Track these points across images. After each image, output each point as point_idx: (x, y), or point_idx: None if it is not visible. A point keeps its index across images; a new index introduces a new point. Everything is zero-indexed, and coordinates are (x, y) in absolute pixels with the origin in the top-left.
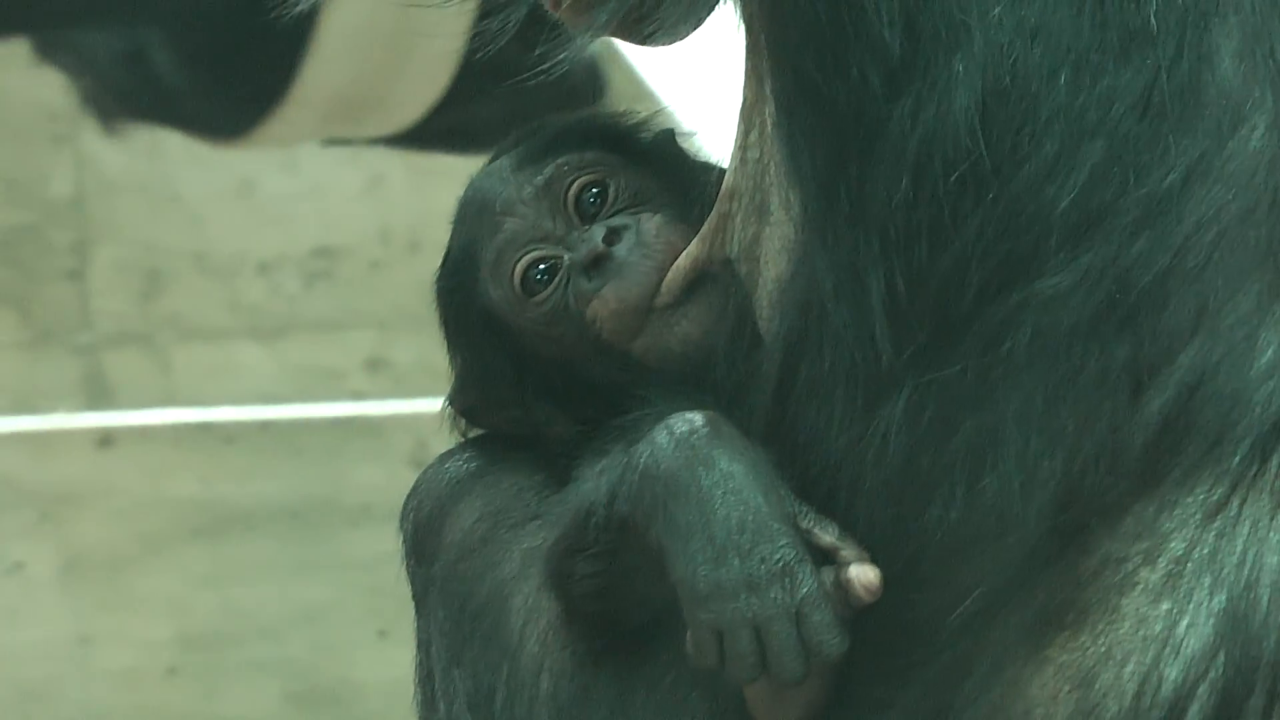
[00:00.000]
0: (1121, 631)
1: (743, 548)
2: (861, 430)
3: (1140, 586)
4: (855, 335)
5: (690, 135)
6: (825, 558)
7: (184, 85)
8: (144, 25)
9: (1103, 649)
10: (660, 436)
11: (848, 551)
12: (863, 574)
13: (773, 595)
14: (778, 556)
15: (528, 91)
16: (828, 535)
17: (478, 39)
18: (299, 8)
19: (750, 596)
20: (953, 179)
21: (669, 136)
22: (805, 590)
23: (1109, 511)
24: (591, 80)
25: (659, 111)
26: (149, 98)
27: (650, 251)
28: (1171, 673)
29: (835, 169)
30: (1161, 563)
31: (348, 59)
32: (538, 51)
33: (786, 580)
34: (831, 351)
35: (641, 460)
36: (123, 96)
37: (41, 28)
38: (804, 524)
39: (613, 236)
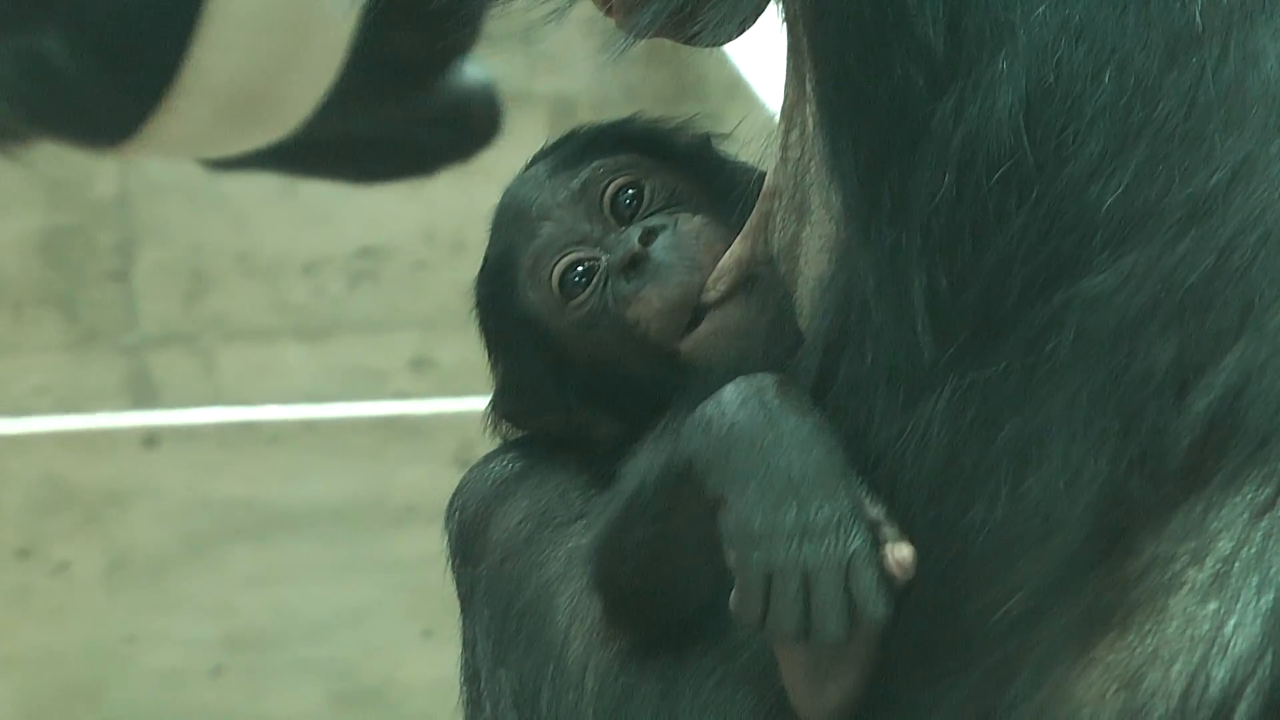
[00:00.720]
0: (1169, 632)
1: (802, 496)
2: (901, 428)
3: (1187, 586)
4: (896, 334)
5: (726, 138)
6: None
7: (73, 84)
8: (40, 27)
9: (1150, 649)
10: (727, 392)
11: (889, 530)
12: (899, 550)
13: (826, 544)
14: (835, 510)
15: (419, 110)
16: (875, 509)
17: (452, 26)
18: None
19: (804, 542)
20: (996, 178)
21: (704, 141)
22: (857, 545)
23: (1155, 512)
24: (487, 110)
25: (694, 116)
26: (40, 106)
27: (688, 250)
28: (1219, 673)
29: (877, 168)
30: (1209, 562)
31: (238, 45)
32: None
33: (841, 533)
34: (872, 349)
35: (707, 412)
36: (18, 109)
37: None
38: (858, 491)
39: (649, 236)
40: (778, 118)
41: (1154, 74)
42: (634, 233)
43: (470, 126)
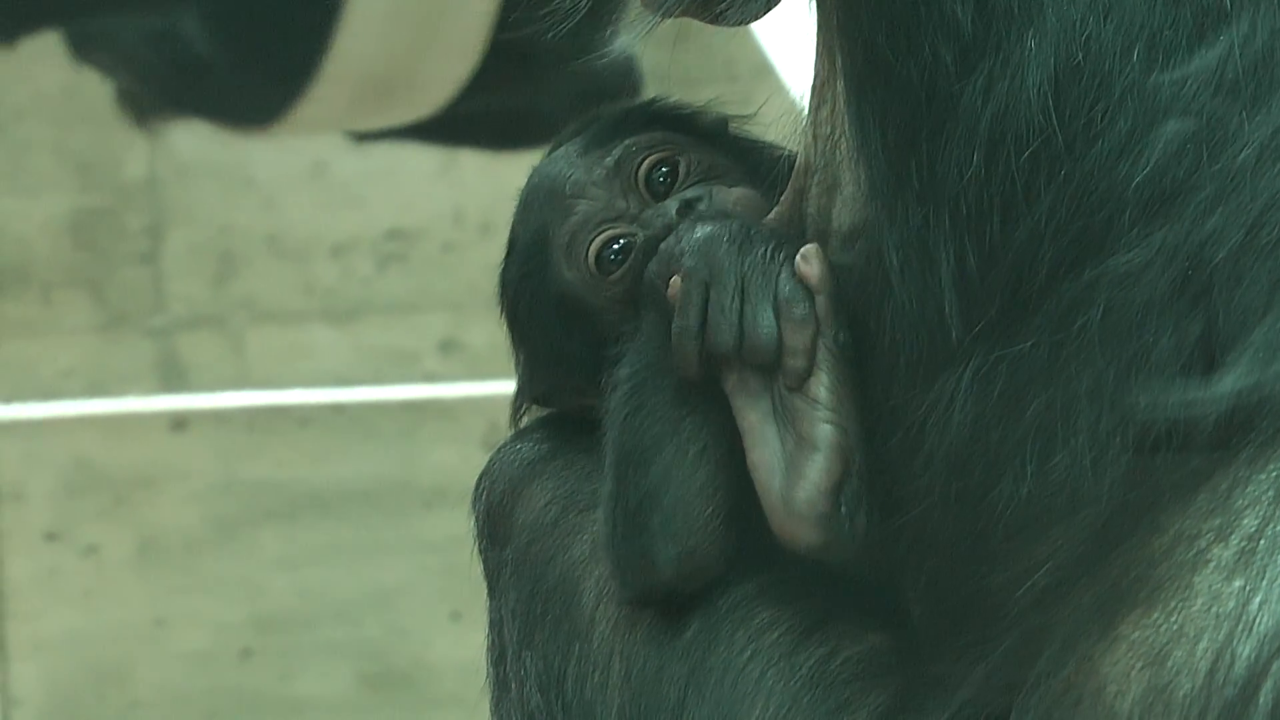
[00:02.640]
0: (1194, 609)
1: (738, 236)
2: (926, 403)
3: (1213, 563)
4: (923, 310)
5: (748, 120)
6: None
7: (217, 70)
8: (178, 9)
9: (1175, 626)
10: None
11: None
12: (805, 250)
13: (758, 252)
14: (766, 233)
15: (559, 82)
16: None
17: (546, 18)
18: None
19: (741, 252)
20: (1025, 156)
21: (724, 122)
22: (785, 263)
23: (1181, 488)
24: (626, 75)
25: (717, 99)
26: (182, 89)
27: None
28: (1244, 650)
29: (906, 146)
30: (1234, 540)
31: (378, 34)
32: (589, 37)
33: (769, 245)
34: (899, 325)
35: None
36: (157, 91)
37: (77, 16)
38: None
39: (686, 208)
40: (808, 95)
41: (1182, 51)
42: (671, 205)
43: (609, 97)
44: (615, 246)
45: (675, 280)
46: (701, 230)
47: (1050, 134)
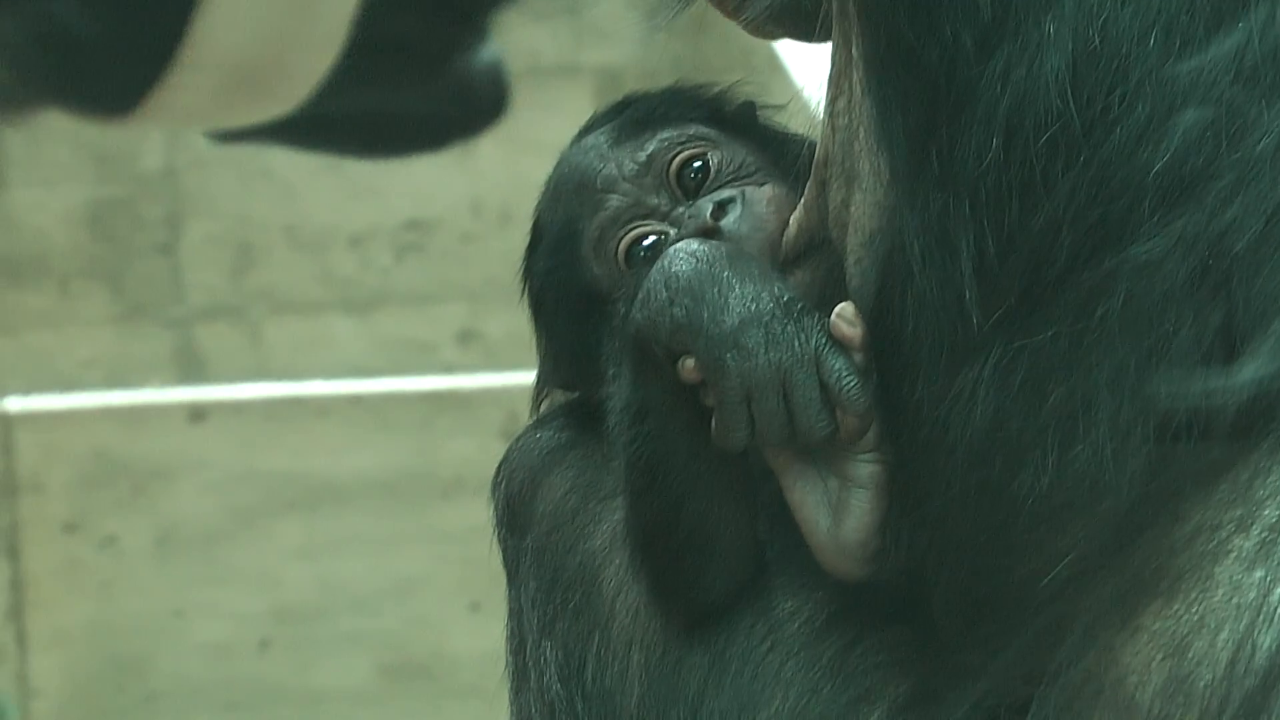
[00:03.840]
0: (1215, 599)
1: (757, 313)
2: (948, 392)
3: (1234, 554)
4: (943, 298)
5: (772, 107)
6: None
7: (77, 53)
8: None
9: (1196, 617)
10: (653, 267)
11: (838, 314)
12: (842, 310)
13: (792, 346)
14: (789, 315)
15: (424, 84)
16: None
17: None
18: None
19: (771, 350)
20: (1043, 141)
21: (750, 107)
22: (819, 337)
23: (1202, 478)
24: (494, 88)
25: (738, 83)
26: (42, 74)
27: (760, 223)
28: (1265, 640)
29: (926, 131)
30: (1255, 530)
31: (241, 19)
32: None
33: (801, 332)
34: (919, 314)
35: (644, 289)
36: (20, 77)
37: None
38: (795, 296)
39: (720, 211)
40: (825, 86)
41: (1200, 37)
42: (705, 206)
43: (475, 105)
44: (646, 244)
45: (689, 366)
46: (707, 310)
47: (1068, 119)
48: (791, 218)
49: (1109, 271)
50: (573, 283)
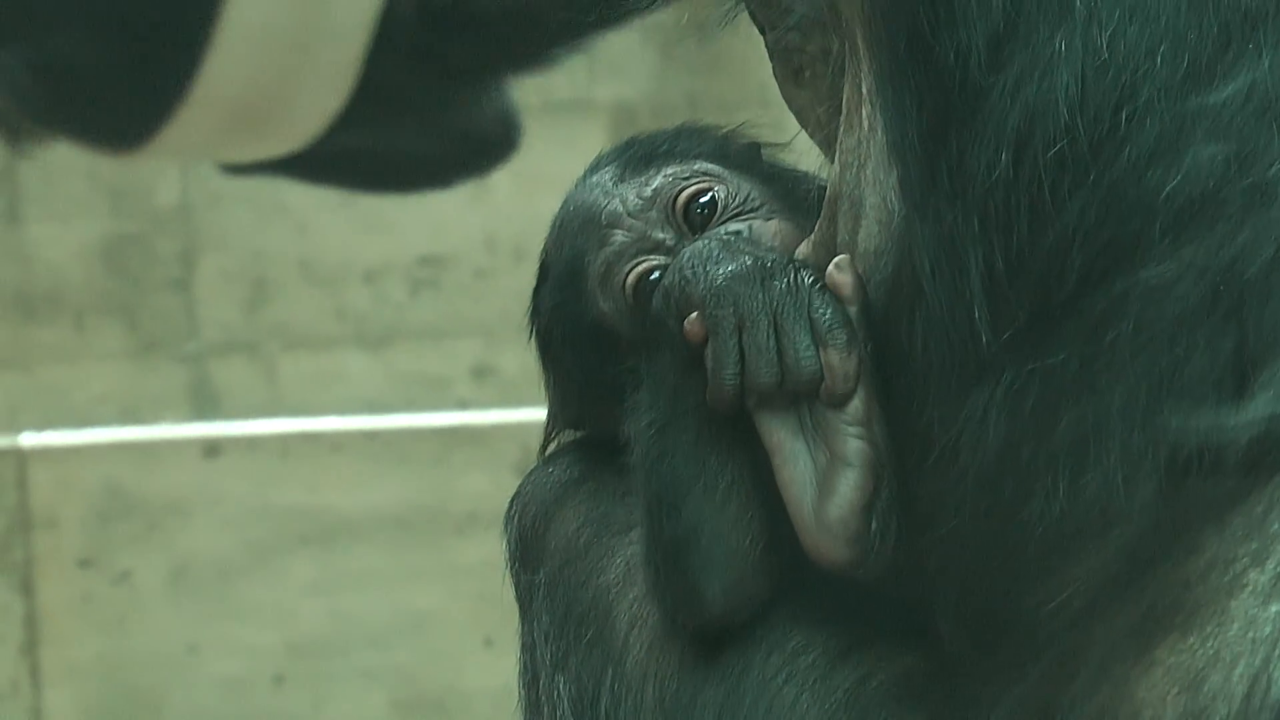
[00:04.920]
0: (1230, 634)
1: (755, 258)
2: (959, 416)
3: (1249, 588)
4: (953, 317)
5: (782, 148)
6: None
7: (87, 89)
8: (59, 31)
9: (1211, 651)
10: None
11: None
12: (838, 260)
13: (784, 284)
14: (782, 260)
15: (433, 124)
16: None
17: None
18: None
19: (765, 287)
20: (1052, 156)
21: (757, 148)
22: (810, 280)
23: (1215, 509)
24: (503, 131)
25: (746, 123)
26: (52, 107)
27: None
28: None
29: (937, 141)
30: (1270, 564)
31: (250, 59)
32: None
33: (791, 273)
34: (929, 335)
35: (674, 269)
36: (28, 109)
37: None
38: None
39: (708, 241)
40: (840, 123)
41: (1209, 56)
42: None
43: (482, 147)
44: (654, 278)
45: (692, 319)
46: (714, 266)
47: (1077, 135)
48: (798, 251)
49: (1120, 295)
50: (579, 319)
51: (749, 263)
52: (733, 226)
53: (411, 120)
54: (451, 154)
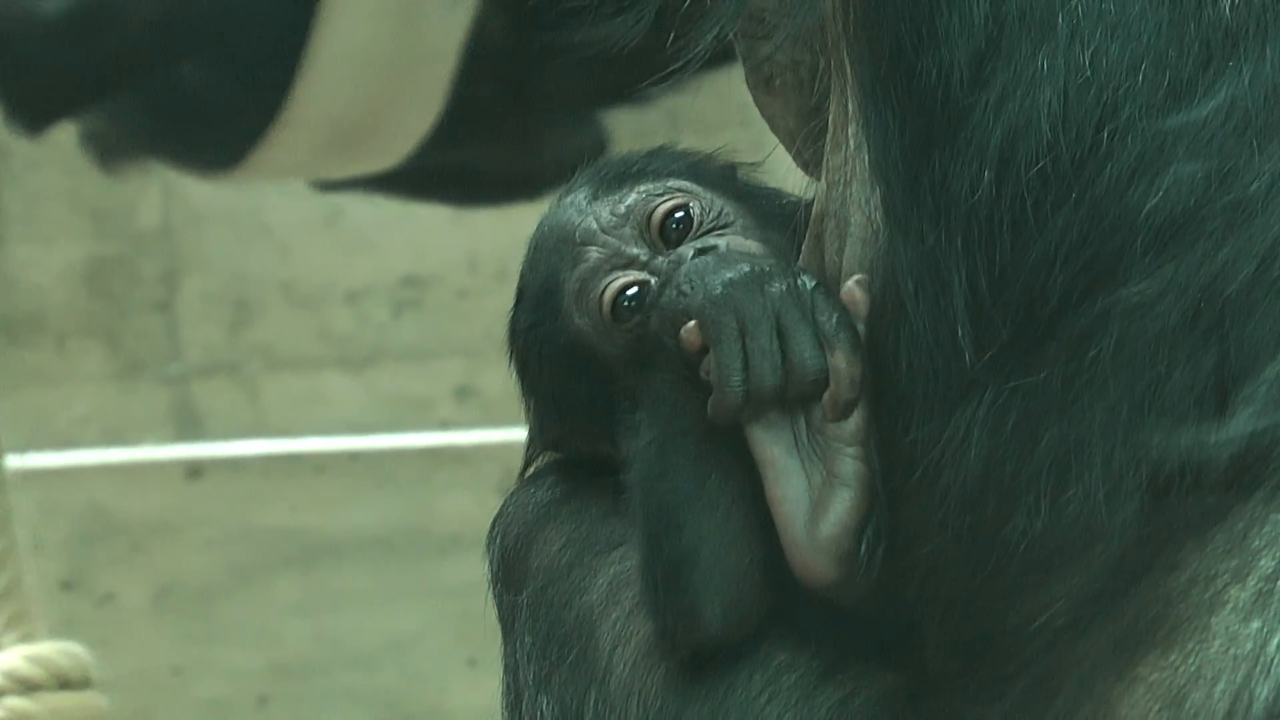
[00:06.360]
0: (1212, 650)
1: (754, 264)
2: (941, 434)
3: (1230, 605)
4: (936, 335)
5: (757, 167)
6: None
7: (183, 112)
8: (170, 66)
9: (1193, 668)
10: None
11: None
12: (858, 278)
13: (783, 285)
14: (781, 265)
15: (524, 140)
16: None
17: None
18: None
19: (765, 289)
20: (1034, 173)
21: (733, 169)
22: (813, 284)
23: (1196, 525)
24: (597, 150)
25: (723, 148)
26: (149, 130)
27: None
28: (1263, 692)
29: (920, 158)
30: (1251, 581)
31: (343, 81)
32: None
33: (791, 277)
34: (912, 353)
35: (675, 282)
36: (124, 132)
37: (97, 100)
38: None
39: (701, 255)
40: (826, 143)
41: (1190, 74)
42: (687, 253)
43: (575, 168)
44: (630, 294)
45: (689, 329)
46: (712, 276)
47: (1059, 152)
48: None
49: (1101, 312)
50: (555, 338)
51: (746, 269)
52: (709, 242)
53: (501, 144)
54: (544, 173)
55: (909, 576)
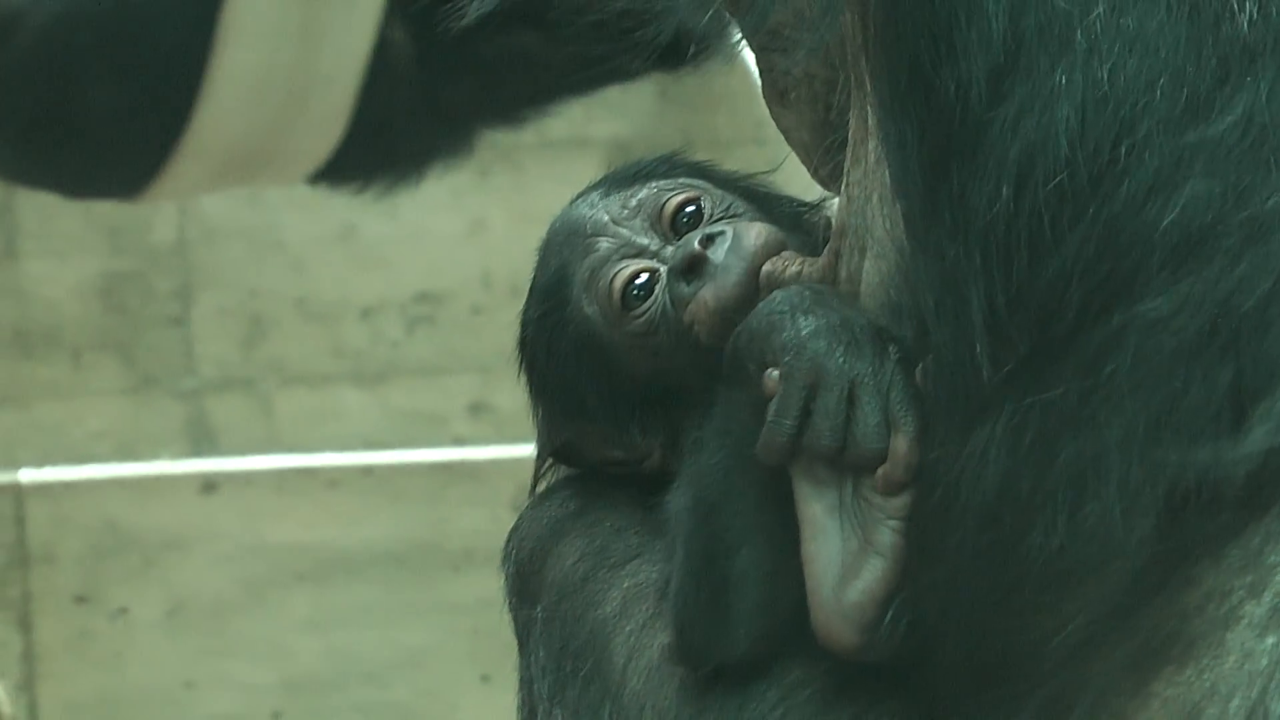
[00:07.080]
0: (1227, 666)
1: (845, 324)
2: (959, 451)
3: (1245, 620)
4: (955, 352)
5: (769, 174)
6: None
7: (84, 142)
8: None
9: (1208, 684)
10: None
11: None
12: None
13: (871, 358)
14: (873, 334)
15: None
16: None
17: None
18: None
19: (850, 356)
20: (1052, 189)
21: (745, 175)
22: (897, 361)
23: (1212, 542)
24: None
25: (737, 168)
26: (61, 159)
27: (746, 253)
28: (1278, 707)
29: (938, 174)
30: (1266, 597)
31: (241, 108)
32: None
33: (879, 344)
34: (933, 370)
35: (753, 316)
36: (27, 165)
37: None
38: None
39: (708, 241)
40: (846, 158)
41: (1207, 89)
42: (693, 239)
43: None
44: (639, 282)
45: (771, 374)
46: (801, 317)
47: (1076, 168)
48: (793, 269)
49: (1118, 328)
50: (564, 328)
51: (837, 321)
52: (716, 227)
53: (407, 160)
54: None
55: (927, 594)
